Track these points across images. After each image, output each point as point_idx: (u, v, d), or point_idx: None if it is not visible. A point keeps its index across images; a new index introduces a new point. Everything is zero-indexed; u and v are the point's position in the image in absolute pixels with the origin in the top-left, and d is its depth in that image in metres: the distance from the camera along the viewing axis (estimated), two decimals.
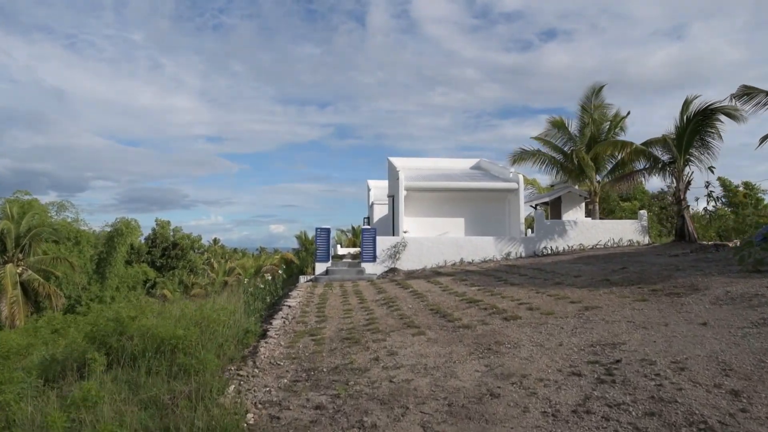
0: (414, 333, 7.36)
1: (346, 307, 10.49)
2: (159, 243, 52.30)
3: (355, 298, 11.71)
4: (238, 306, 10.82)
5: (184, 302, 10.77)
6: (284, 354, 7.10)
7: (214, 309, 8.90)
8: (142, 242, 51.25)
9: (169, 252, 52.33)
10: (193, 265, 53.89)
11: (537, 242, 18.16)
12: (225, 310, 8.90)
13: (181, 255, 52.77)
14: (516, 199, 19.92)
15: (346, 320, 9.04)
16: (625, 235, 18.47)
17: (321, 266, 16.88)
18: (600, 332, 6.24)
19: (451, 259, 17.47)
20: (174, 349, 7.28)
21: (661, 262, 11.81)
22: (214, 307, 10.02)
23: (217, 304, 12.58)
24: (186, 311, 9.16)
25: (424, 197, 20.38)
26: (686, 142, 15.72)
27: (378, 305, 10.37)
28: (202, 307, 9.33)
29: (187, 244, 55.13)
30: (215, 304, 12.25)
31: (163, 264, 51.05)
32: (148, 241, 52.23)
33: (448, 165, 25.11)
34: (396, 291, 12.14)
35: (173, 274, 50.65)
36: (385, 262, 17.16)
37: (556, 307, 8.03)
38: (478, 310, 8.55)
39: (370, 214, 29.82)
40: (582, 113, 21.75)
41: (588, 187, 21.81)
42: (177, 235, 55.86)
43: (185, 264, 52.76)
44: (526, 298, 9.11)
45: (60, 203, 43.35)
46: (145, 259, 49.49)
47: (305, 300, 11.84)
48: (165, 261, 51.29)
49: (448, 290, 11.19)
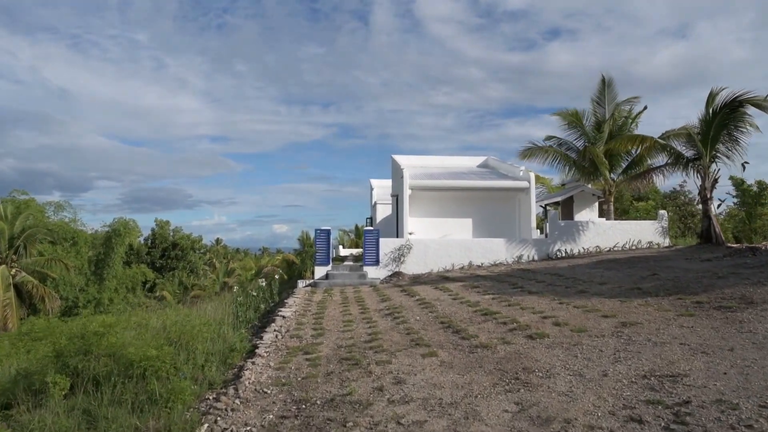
0: (424, 353, 6.32)
1: (346, 317, 9.46)
2: (158, 244, 51.49)
3: (356, 306, 10.68)
4: (226, 316, 9.82)
5: (167, 311, 9.77)
6: (273, 378, 6.08)
7: (197, 322, 7.88)
8: (141, 243, 50.46)
9: (169, 253, 51.51)
10: (194, 266, 53.04)
11: (550, 244, 17.07)
12: (208, 325, 7.87)
13: (181, 256, 51.90)
14: (527, 198, 18.85)
15: (346, 334, 8.02)
16: (644, 237, 17.36)
17: (321, 270, 15.85)
18: (650, 358, 5.18)
19: (459, 262, 16.41)
20: (145, 373, 6.26)
21: (695, 267, 10.72)
22: (199, 318, 9.02)
23: (205, 313, 11.58)
24: (167, 323, 8.16)
25: (430, 197, 19.33)
26: (712, 137, 14.61)
27: (381, 316, 9.34)
28: (184, 320, 8.32)
29: (187, 245, 54.23)
30: (203, 314, 11.25)
31: (162, 265, 50.22)
32: (147, 242, 51.45)
33: (454, 163, 24.04)
34: (401, 299, 11.10)
35: (173, 275, 49.81)
36: (388, 265, 16.11)
37: (587, 322, 6.96)
38: (496, 324, 7.49)
39: (372, 214, 28.77)
40: (595, 108, 20.64)
41: (602, 185, 20.70)
42: (177, 235, 54.98)
43: (185, 265, 51.90)
44: (550, 310, 8.05)
45: (58, 203, 42.47)
46: (145, 260, 48.65)
47: (302, 309, 10.82)
48: (165, 262, 50.46)
49: (458, 299, 10.14)
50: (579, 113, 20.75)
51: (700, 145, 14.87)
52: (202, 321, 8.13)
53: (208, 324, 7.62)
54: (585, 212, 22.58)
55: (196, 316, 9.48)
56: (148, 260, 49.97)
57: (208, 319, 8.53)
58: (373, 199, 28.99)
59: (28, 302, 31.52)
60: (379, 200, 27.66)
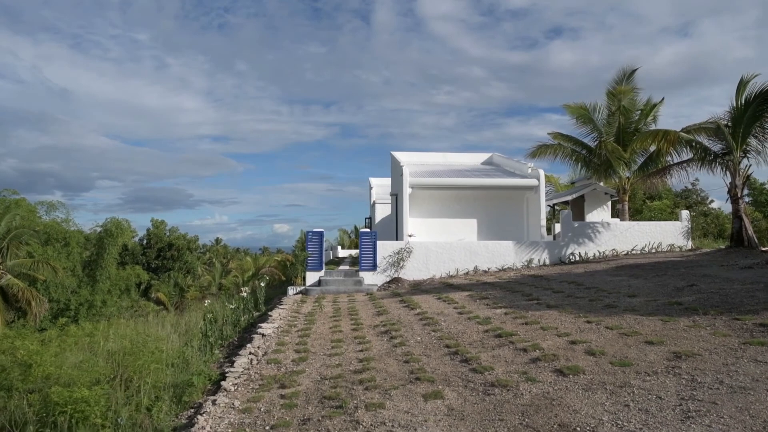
0: (426, 393, 4.99)
1: (335, 335, 8.13)
2: (154, 244, 50.34)
3: (348, 320, 9.35)
4: (197, 333, 8.49)
5: (122, 330, 8.45)
6: (235, 425, 4.76)
7: (152, 348, 6.55)
8: (136, 243, 49.33)
9: (165, 253, 50.39)
10: (190, 267, 51.89)
11: (563, 247, 15.72)
12: (160, 352, 6.53)
13: (177, 256, 50.80)
14: (536, 197, 17.50)
15: (333, 359, 6.69)
16: (664, 239, 15.99)
17: (313, 276, 14.52)
18: (734, 414, 3.83)
19: (463, 267, 15.07)
20: (72, 419, 4.94)
21: (737, 277, 9.36)
22: (158, 339, 7.69)
23: (177, 326, 10.25)
24: (116, 349, 6.84)
25: (432, 196, 17.99)
26: (744, 130, 13.25)
27: (376, 334, 8.01)
28: (142, 342, 6.99)
29: (183, 245, 53.05)
30: (174, 328, 9.92)
31: (158, 266, 49.08)
32: (142, 242, 50.30)
33: (457, 160, 22.68)
34: (400, 311, 9.76)
35: (168, 277, 48.64)
36: (386, 270, 14.77)
37: (628, 351, 5.62)
38: (514, 351, 6.15)
39: (371, 214, 27.44)
40: (609, 101, 19.23)
41: (615, 184, 19.32)
42: (173, 235, 53.76)
43: (181, 265, 50.76)
44: (577, 332, 6.70)
45: (51, 203, 41.16)
46: (140, 261, 47.54)
47: (287, 323, 9.48)
48: (160, 262, 49.35)
49: (465, 313, 8.80)
50: (590, 107, 19.37)
51: (729, 138, 13.50)
52: (159, 344, 6.80)
53: (159, 351, 6.27)
54: (597, 212, 21.25)
55: (157, 334, 8.16)
56: (143, 261, 48.79)
57: (172, 340, 7.21)
58: (372, 198, 27.65)
59: (15, 305, 30.26)
60: (378, 199, 26.32)
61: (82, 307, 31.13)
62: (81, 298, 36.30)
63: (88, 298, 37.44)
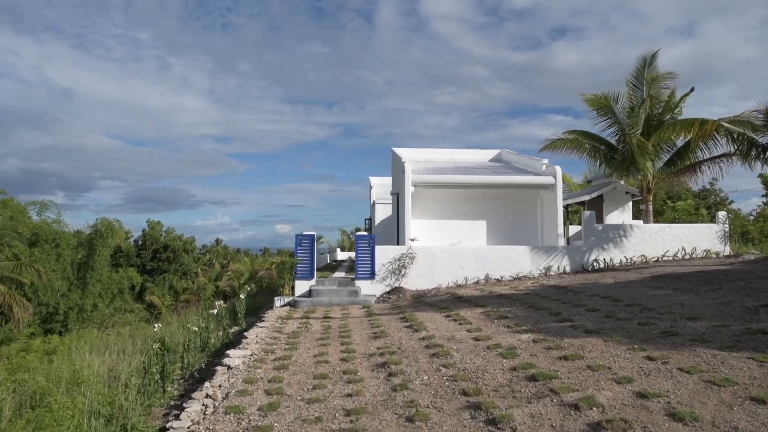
0: None
1: (320, 368, 6.42)
2: (149, 245, 48.86)
3: (338, 345, 7.63)
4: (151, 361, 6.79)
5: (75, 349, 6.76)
6: None
7: (73, 396, 4.84)
8: (131, 244, 47.83)
9: (160, 255, 48.89)
10: (186, 269, 50.37)
11: (585, 253, 13.96)
12: (98, 397, 4.82)
13: (172, 258, 49.31)
14: (552, 197, 15.75)
15: (312, 409, 4.99)
16: (699, 244, 14.22)
17: (302, 285, 12.80)
18: None
19: (473, 275, 13.34)
20: None
21: None
22: (100, 371, 6.00)
23: (142, 346, 8.56)
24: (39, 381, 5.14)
25: (436, 195, 16.26)
26: None
27: (371, 368, 6.29)
28: (56, 379, 5.29)
29: (179, 246, 51.52)
30: (134, 349, 8.23)
31: (153, 267, 47.59)
32: (137, 243, 48.84)
33: (463, 157, 20.92)
34: (401, 334, 8.04)
35: (163, 279, 47.10)
36: (386, 279, 13.05)
37: (731, 414, 3.89)
38: (559, 407, 4.43)
39: (371, 214, 25.71)
40: (632, 91, 17.46)
41: (638, 182, 17.55)
42: (168, 236, 52.20)
43: (177, 267, 49.26)
44: (641, 375, 4.97)
45: (42, 202, 39.63)
46: (135, 263, 46.06)
47: (263, 348, 7.76)
48: (156, 264, 47.86)
49: (483, 339, 7.07)
50: (611, 96, 17.61)
51: None
52: (87, 378, 5.09)
53: (78, 397, 4.55)
54: (616, 213, 19.48)
55: (95, 368, 6.46)
56: (138, 262, 47.27)
57: (120, 370, 5.50)
58: (371, 197, 25.93)
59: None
60: (378, 199, 24.59)
61: (71, 311, 29.56)
62: (71, 302, 34.60)
63: (78, 302, 35.74)
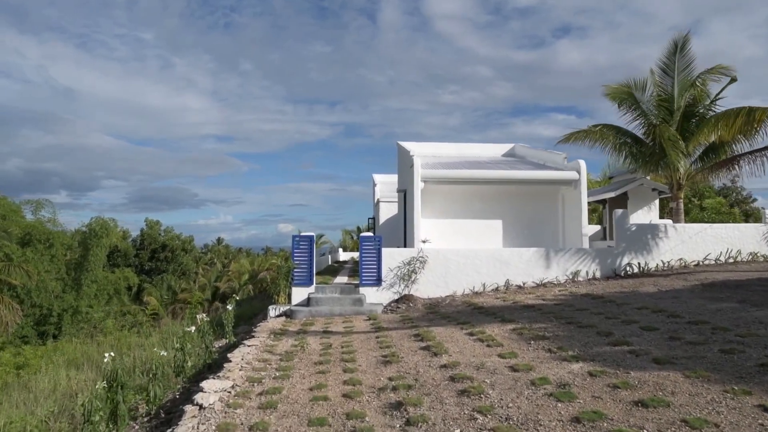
0: None
1: (316, 409, 4.97)
2: (147, 245, 47.65)
3: (340, 373, 6.18)
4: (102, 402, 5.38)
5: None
6: None
7: None
8: (129, 244, 46.65)
9: (158, 254, 47.69)
10: (185, 269, 49.11)
11: (617, 256, 12.47)
12: None
13: (171, 258, 48.10)
14: (575, 194, 14.29)
15: None
16: (744, 246, 12.73)
17: (300, 293, 11.37)
18: None
19: (491, 281, 11.88)
20: None
21: None
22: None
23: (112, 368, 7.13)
24: None
25: (447, 192, 14.81)
26: None
27: (382, 412, 4.83)
28: None
29: (178, 245, 50.23)
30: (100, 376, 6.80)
31: (151, 268, 46.38)
32: (136, 243, 47.66)
33: (474, 152, 19.43)
34: (417, 359, 6.58)
35: (161, 279, 45.84)
36: (394, 285, 11.60)
37: None
38: None
39: (375, 214, 24.29)
40: (661, 79, 15.95)
41: (667, 178, 16.03)
42: (167, 235, 50.93)
43: (175, 267, 48.01)
44: None
45: (37, 202, 38.36)
46: (132, 263, 44.85)
47: (249, 376, 6.31)
48: (154, 264, 46.67)
49: (521, 369, 5.61)
50: (636, 85, 16.11)
51: None
52: None
53: None
54: (642, 212, 17.99)
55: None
56: (136, 263, 46.09)
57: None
58: (375, 196, 24.49)
59: None
60: (382, 198, 23.15)
61: (66, 313, 28.31)
62: (65, 304, 33.14)
63: (72, 303, 34.29)
